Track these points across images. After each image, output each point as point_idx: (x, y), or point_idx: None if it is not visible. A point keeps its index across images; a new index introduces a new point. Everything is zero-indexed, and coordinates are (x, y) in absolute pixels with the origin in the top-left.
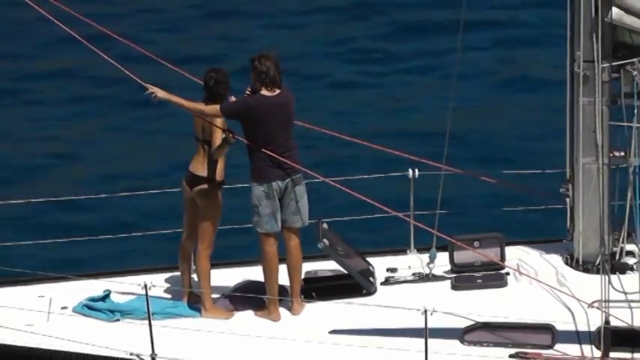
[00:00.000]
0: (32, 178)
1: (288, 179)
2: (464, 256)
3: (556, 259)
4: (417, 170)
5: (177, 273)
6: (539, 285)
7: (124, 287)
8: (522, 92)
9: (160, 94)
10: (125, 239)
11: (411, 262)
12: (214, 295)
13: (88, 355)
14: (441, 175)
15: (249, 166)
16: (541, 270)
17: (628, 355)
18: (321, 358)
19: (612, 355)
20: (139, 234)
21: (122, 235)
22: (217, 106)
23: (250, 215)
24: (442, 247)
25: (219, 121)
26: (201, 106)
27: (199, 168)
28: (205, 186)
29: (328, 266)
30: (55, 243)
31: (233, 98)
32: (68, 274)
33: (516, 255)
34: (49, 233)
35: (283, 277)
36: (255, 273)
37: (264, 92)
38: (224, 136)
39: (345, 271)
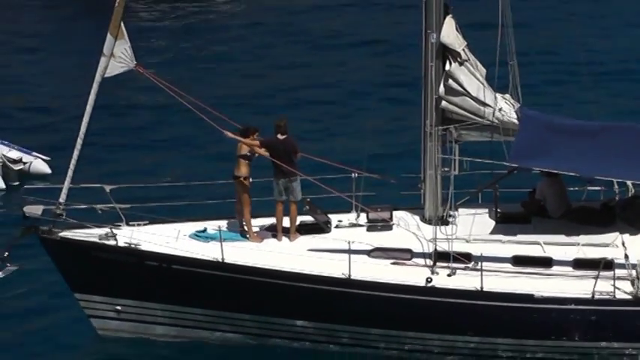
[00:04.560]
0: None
1: (286, 179)
2: (373, 215)
3: (417, 218)
4: (356, 174)
5: (236, 219)
6: (408, 229)
7: (213, 225)
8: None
9: (229, 134)
10: (213, 204)
11: (349, 217)
12: (254, 229)
13: (199, 259)
14: (362, 176)
15: None
16: (409, 223)
17: (445, 264)
18: (302, 261)
19: (437, 264)
20: (218, 201)
21: (210, 202)
22: (258, 142)
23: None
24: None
25: (245, 148)
26: (249, 141)
27: (236, 170)
28: (240, 179)
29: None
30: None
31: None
32: (187, 219)
33: (399, 215)
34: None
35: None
36: (272, 221)
37: (278, 136)
38: (247, 152)
39: (316, 221)
